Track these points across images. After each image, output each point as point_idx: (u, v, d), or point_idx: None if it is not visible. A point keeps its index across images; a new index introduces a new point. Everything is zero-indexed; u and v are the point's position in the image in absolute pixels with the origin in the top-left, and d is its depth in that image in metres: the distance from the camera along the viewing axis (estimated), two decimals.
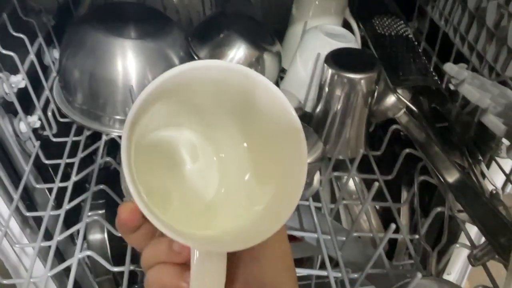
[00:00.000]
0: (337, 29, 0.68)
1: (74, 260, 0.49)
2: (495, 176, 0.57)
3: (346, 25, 0.75)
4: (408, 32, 0.71)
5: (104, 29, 0.60)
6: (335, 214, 0.68)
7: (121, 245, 0.74)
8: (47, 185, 0.61)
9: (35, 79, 0.62)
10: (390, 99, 0.63)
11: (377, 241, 0.53)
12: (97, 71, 0.60)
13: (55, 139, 0.64)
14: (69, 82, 0.62)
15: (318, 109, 0.61)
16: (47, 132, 0.63)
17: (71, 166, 0.61)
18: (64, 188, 0.58)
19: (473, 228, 0.56)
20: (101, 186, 0.55)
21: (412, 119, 0.62)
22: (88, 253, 0.50)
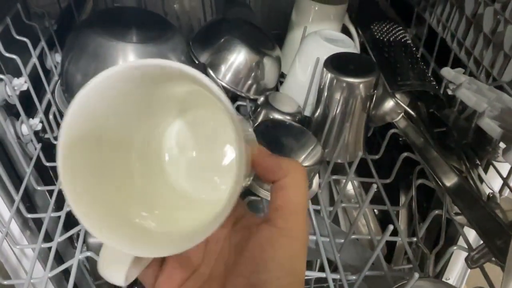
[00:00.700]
0: (336, 35, 0.68)
1: (75, 261, 0.49)
2: (492, 180, 0.58)
3: (345, 31, 0.76)
4: (407, 38, 0.72)
5: (106, 33, 0.61)
6: (334, 218, 0.69)
7: None
8: (47, 187, 0.62)
9: (37, 82, 0.63)
10: (389, 103, 0.63)
11: (375, 243, 0.54)
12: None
13: (56, 142, 0.65)
14: (71, 85, 0.63)
15: (317, 113, 0.62)
16: (49, 134, 0.64)
17: None
18: None
19: (470, 231, 0.56)
20: None
21: (410, 123, 0.62)
22: (89, 254, 0.51)
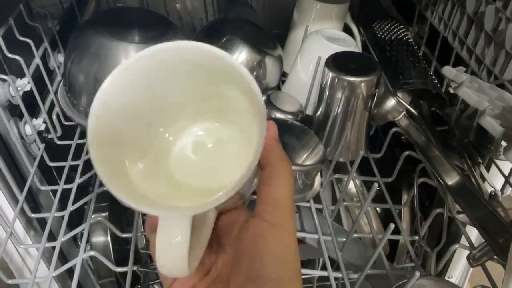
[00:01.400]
0: (338, 34, 0.68)
1: (78, 260, 0.50)
2: (494, 178, 0.58)
3: (347, 29, 0.76)
4: (408, 36, 0.72)
5: (108, 34, 0.61)
6: (336, 217, 0.69)
7: (123, 248, 0.75)
8: (51, 187, 0.62)
9: (40, 82, 0.63)
10: (390, 102, 0.63)
11: (377, 242, 0.54)
12: (101, 75, 0.61)
13: (59, 142, 0.65)
14: (73, 85, 0.63)
15: (318, 112, 0.62)
16: (52, 135, 0.64)
17: (75, 168, 0.61)
18: (68, 190, 0.59)
19: (472, 230, 0.56)
20: (105, 188, 0.56)
21: (412, 122, 0.63)
22: (92, 253, 0.51)
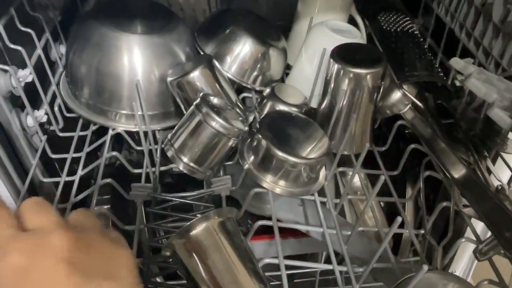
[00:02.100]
0: (343, 25, 0.68)
1: None
2: (501, 172, 0.57)
3: (352, 21, 0.75)
4: (414, 28, 0.71)
5: (111, 24, 0.61)
6: (340, 211, 0.69)
7: (126, 241, 0.74)
8: (53, 179, 0.62)
9: (42, 74, 0.63)
10: (396, 94, 0.63)
11: (382, 235, 0.54)
12: (103, 66, 0.60)
13: (61, 134, 0.65)
14: (75, 77, 0.63)
15: (323, 105, 0.61)
16: (54, 126, 0.64)
17: (77, 160, 0.61)
18: (71, 183, 0.58)
19: (478, 223, 0.56)
20: (107, 180, 0.56)
21: (418, 115, 0.62)
22: None
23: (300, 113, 0.61)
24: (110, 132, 0.62)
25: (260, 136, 0.51)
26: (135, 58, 0.60)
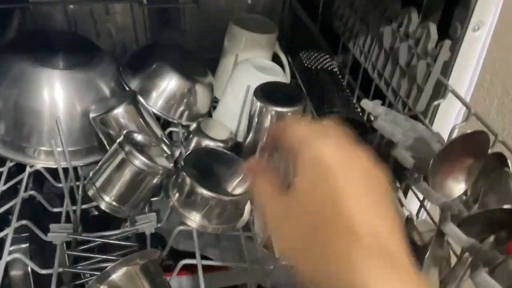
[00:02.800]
0: (267, 63, 0.71)
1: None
2: (411, 202, 0.62)
3: (277, 58, 0.78)
4: (333, 66, 0.76)
5: (31, 58, 0.59)
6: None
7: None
8: None
9: None
10: None
11: None
12: (22, 101, 0.58)
13: None
14: None
15: (248, 140, 0.63)
16: None
17: None
18: None
19: None
20: (23, 222, 0.53)
21: None
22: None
23: (226, 148, 0.62)
24: (28, 170, 0.60)
25: (184, 173, 0.52)
26: (56, 93, 0.59)
